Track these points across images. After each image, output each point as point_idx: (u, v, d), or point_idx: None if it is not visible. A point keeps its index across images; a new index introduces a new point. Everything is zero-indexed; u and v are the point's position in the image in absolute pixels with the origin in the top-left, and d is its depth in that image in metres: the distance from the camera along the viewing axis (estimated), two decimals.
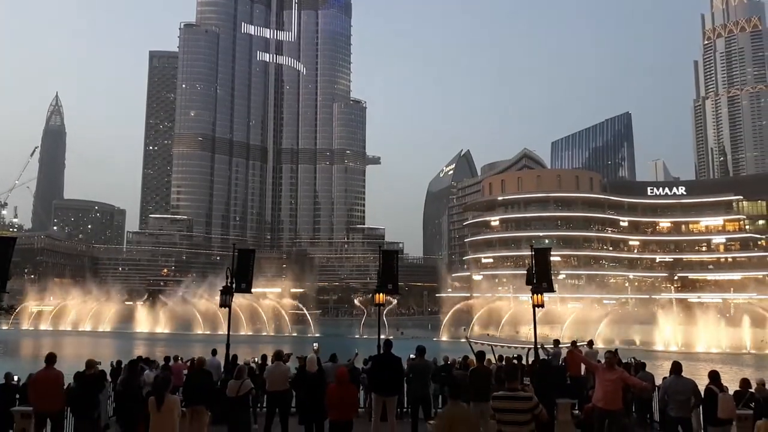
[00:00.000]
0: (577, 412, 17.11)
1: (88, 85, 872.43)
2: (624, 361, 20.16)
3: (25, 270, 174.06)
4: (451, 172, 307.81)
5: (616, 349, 22.29)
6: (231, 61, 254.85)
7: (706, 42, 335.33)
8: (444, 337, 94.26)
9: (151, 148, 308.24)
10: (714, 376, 12.91)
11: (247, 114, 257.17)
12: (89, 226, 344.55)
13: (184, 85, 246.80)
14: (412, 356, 15.68)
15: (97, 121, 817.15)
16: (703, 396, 12.98)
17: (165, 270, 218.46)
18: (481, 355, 14.89)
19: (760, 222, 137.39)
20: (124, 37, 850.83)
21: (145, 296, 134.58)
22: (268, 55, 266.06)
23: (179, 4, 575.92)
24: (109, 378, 17.50)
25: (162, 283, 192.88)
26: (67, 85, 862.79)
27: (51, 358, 12.63)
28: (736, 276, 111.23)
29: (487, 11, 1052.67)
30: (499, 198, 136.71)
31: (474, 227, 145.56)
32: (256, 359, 21.55)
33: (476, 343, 35.48)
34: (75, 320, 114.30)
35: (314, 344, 19.11)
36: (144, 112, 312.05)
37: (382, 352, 14.25)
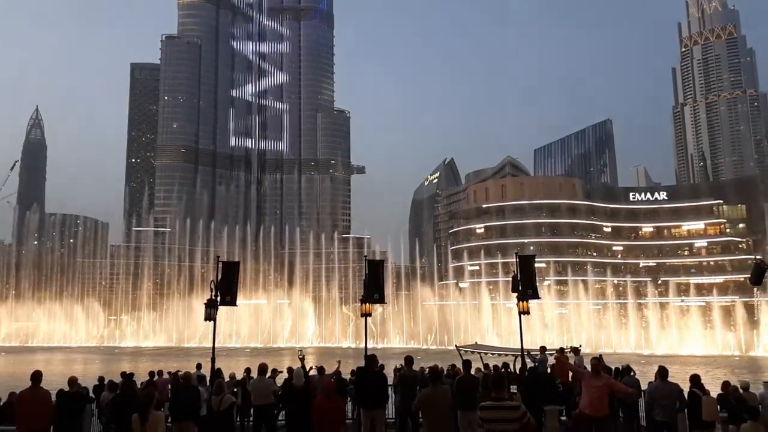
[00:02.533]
0: (564, 418, 17.15)
1: (69, 97, 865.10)
2: (615, 366, 20.30)
3: (6, 285, 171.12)
4: (436, 180, 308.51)
5: (601, 355, 22.45)
6: (213, 72, 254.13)
7: (683, 49, 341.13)
8: (430, 346, 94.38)
9: (133, 160, 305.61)
10: (695, 379, 13.02)
11: (230, 125, 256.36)
12: (71, 240, 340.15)
13: (166, 97, 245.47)
14: (398, 366, 15.62)
15: (79, 134, 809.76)
16: (687, 400, 13.08)
17: (149, 283, 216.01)
18: (467, 363, 14.84)
19: (741, 225, 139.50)
20: (106, 50, 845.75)
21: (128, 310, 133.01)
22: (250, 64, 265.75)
23: (160, 16, 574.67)
24: (92, 395, 17.26)
25: (146, 297, 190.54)
26: (48, 98, 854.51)
27: (37, 377, 12.47)
28: (718, 279, 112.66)
29: (470, 20, 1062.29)
30: (484, 206, 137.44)
31: (459, 235, 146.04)
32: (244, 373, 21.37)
33: (466, 351, 35.40)
34: (57, 336, 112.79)
35: (299, 351, 18.99)
36: (126, 124, 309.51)
37: (364, 365, 14.15)
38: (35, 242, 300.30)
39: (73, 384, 13.18)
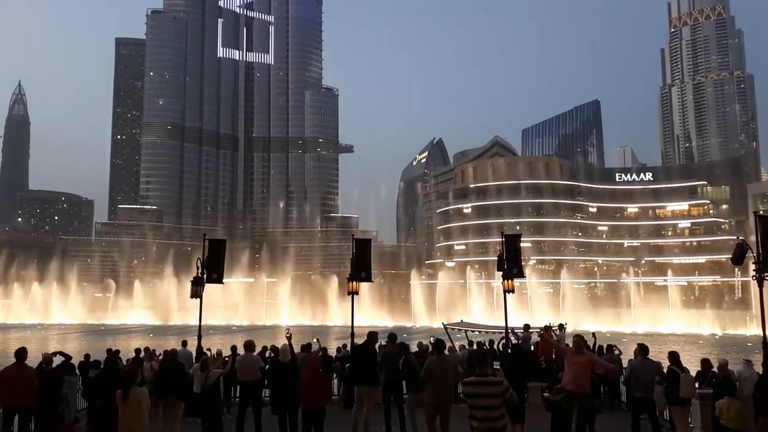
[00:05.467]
0: (547, 394, 17.43)
1: (53, 73, 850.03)
2: (599, 345, 20.61)
3: None
4: (424, 160, 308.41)
5: (594, 333, 22.76)
6: (200, 49, 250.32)
7: (672, 30, 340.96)
8: (418, 324, 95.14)
9: (118, 137, 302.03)
10: (674, 356, 13.24)
11: (216, 102, 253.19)
12: (56, 218, 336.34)
13: (151, 73, 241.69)
14: (383, 343, 15.75)
15: (63, 110, 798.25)
16: (666, 376, 13.31)
17: (135, 261, 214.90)
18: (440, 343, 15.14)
19: (724, 206, 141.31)
20: (90, 24, 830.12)
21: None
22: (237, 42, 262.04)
23: None
24: (77, 372, 17.22)
25: (132, 275, 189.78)
26: (31, 72, 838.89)
27: (21, 354, 12.44)
28: (701, 259, 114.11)
29: (460, 0, 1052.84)
30: (471, 185, 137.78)
31: (446, 215, 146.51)
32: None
33: (453, 329, 35.89)
34: (41, 314, 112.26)
35: (287, 330, 19.03)
36: (111, 100, 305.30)
37: (364, 342, 14.31)
38: (19, 219, 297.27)
39: (48, 362, 13.15)
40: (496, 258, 24.41)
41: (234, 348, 18.85)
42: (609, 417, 17.21)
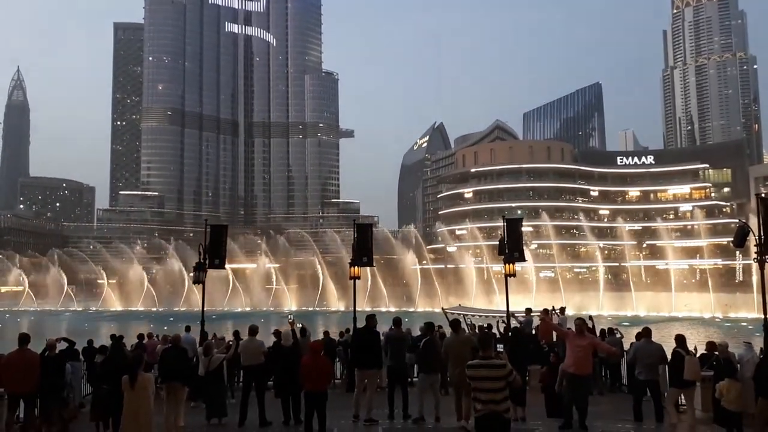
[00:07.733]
0: None
1: (52, 58, 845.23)
2: (601, 328, 20.68)
3: None
4: (425, 144, 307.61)
5: (591, 317, 22.86)
6: (199, 33, 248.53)
7: (675, 11, 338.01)
8: (419, 309, 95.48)
9: (118, 123, 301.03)
10: (680, 339, 13.30)
11: (216, 87, 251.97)
12: (57, 204, 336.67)
13: (150, 58, 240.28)
14: (391, 328, 15.85)
15: (62, 95, 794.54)
16: (670, 359, 13.39)
17: (137, 247, 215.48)
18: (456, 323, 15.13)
19: (725, 189, 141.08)
20: (88, 9, 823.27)
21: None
22: (236, 26, 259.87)
23: None
24: (82, 357, 17.33)
25: (134, 261, 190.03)
26: (29, 58, 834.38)
27: (24, 339, 12.43)
28: (702, 243, 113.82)
29: None
30: (472, 170, 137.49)
31: (448, 199, 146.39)
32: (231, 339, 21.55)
33: (452, 313, 36.10)
34: (45, 299, 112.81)
35: (289, 315, 19.14)
36: (110, 86, 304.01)
37: (364, 326, 14.39)
38: (20, 206, 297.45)
39: (52, 347, 13.19)
40: (498, 242, 24.39)
41: (237, 333, 18.97)
42: (610, 399, 17.33)
